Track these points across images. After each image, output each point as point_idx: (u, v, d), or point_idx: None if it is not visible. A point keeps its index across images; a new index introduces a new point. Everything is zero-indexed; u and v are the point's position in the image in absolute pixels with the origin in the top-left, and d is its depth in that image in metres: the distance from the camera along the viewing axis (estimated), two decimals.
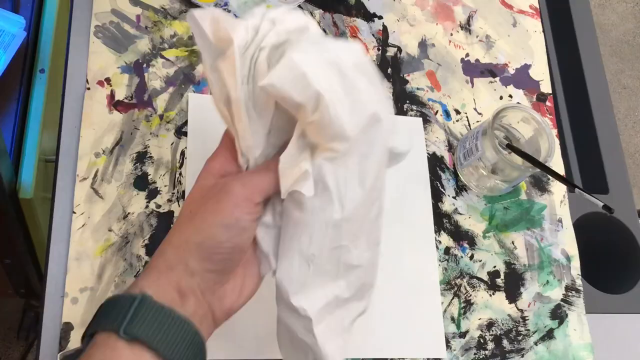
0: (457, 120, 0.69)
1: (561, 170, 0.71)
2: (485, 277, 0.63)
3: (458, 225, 0.65)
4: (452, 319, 0.61)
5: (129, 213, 0.56)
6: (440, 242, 0.63)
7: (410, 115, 0.68)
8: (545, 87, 0.75)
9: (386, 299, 0.59)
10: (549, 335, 0.63)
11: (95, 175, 0.56)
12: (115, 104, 0.59)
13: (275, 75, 0.37)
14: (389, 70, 0.70)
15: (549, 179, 0.70)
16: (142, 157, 0.58)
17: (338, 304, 0.42)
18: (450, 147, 0.68)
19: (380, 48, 0.70)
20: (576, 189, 0.59)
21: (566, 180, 0.62)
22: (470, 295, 0.62)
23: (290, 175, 0.39)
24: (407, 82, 0.70)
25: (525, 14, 0.78)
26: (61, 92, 0.59)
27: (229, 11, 0.65)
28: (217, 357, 0.52)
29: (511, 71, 0.74)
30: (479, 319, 0.62)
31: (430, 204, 0.64)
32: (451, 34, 0.74)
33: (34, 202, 0.76)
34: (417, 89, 0.70)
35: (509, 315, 0.63)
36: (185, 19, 0.65)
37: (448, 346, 0.59)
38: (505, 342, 0.62)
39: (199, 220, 0.38)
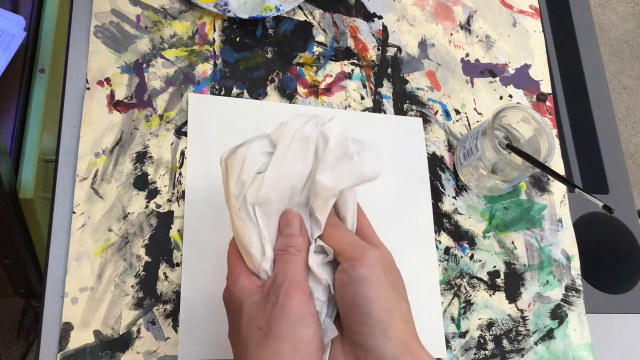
0: (457, 120, 0.69)
1: (561, 170, 0.71)
2: (485, 277, 0.63)
3: (458, 225, 0.65)
4: (452, 319, 0.61)
5: (128, 213, 0.56)
6: (440, 242, 0.63)
7: (410, 115, 0.68)
8: (545, 87, 0.75)
9: None
10: (549, 335, 0.63)
11: (95, 175, 0.56)
12: (115, 104, 0.59)
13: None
14: (389, 70, 0.70)
15: (549, 179, 0.70)
16: (141, 157, 0.58)
17: None
18: (450, 147, 0.68)
19: (380, 48, 0.70)
20: (576, 189, 0.59)
21: (566, 180, 0.61)
22: (470, 295, 0.62)
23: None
24: (407, 82, 0.70)
25: (525, 14, 0.78)
26: (61, 92, 0.59)
27: (228, 11, 0.65)
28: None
29: (511, 71, 0.74)
30: (479, 319, 0.62)
31: (430, 204, 0.64)
32: (451, 34, 0.74)
33: (34, 202, 0.75)
34: (417, 89, 0.70)
35: (509, 315, 0.63)
36: (185, 19, 0.65)
37: (448, 346, 0.59)
38: (505, 342, 0.62)
39: (276, 331, 0.39)
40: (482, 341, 0.61)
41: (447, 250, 0.63)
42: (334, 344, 0.41)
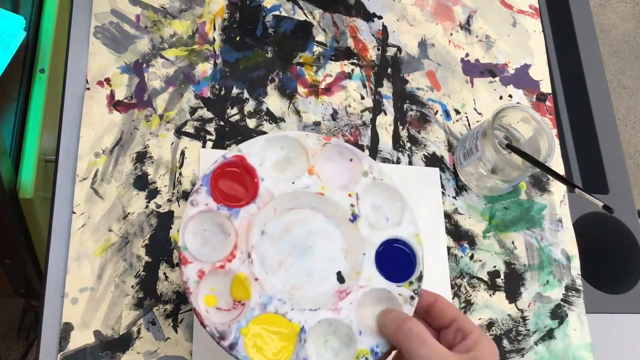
0: (457, 120, 0.69)
1: (561, 170, 0.71)
2: (485, 277, 0.63)
3: (458, 225, 0.65)
4: None
5: (128, 213, 0.56)
6: None
7: (410, 115, 0.68)
8: (545, 87, 0.75)
9: None
10: (549, 335, 0.63)
11: (95, 175, 0.56)
12: (115, 104, 0.59)
13: None
14: (389, 70, 0.70)
15: (549, 179, 0.70)
16: (142, 157, 0.58)
17: None
18: (450, 147, 0.68)
19: (380, 48, 0.70)
20: (576, 189, 0.59)
21: (566, 180, 0.61)
22: (471, 295, 0.62)
23: None
24: (407, 82, 0.70)
25: (525, 14, 0.78)
26: (61, 92, 0.59)
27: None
28: None
29: (511, 71, 0.74)
30: (479, 319, 0.62)
31: (446, 257, 0.63)
32: (451, 34, 0.74)
33: (34, 202, 0.75)
34: (417, 89, 0.70)
35: (509, 315, 0.63)
36: (185, 18, 0.65)
37: None
38: (505, 342, 0.62)
39: None
40: None
41: (447, 251, 0.63)
42: None
